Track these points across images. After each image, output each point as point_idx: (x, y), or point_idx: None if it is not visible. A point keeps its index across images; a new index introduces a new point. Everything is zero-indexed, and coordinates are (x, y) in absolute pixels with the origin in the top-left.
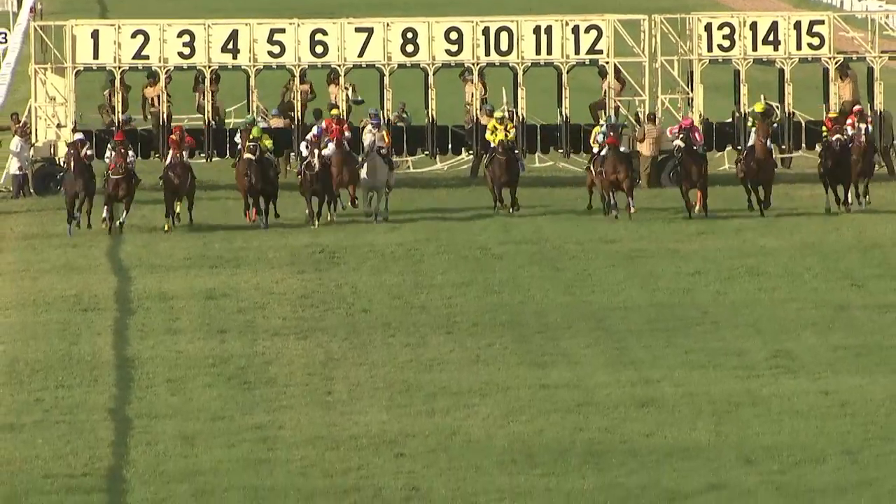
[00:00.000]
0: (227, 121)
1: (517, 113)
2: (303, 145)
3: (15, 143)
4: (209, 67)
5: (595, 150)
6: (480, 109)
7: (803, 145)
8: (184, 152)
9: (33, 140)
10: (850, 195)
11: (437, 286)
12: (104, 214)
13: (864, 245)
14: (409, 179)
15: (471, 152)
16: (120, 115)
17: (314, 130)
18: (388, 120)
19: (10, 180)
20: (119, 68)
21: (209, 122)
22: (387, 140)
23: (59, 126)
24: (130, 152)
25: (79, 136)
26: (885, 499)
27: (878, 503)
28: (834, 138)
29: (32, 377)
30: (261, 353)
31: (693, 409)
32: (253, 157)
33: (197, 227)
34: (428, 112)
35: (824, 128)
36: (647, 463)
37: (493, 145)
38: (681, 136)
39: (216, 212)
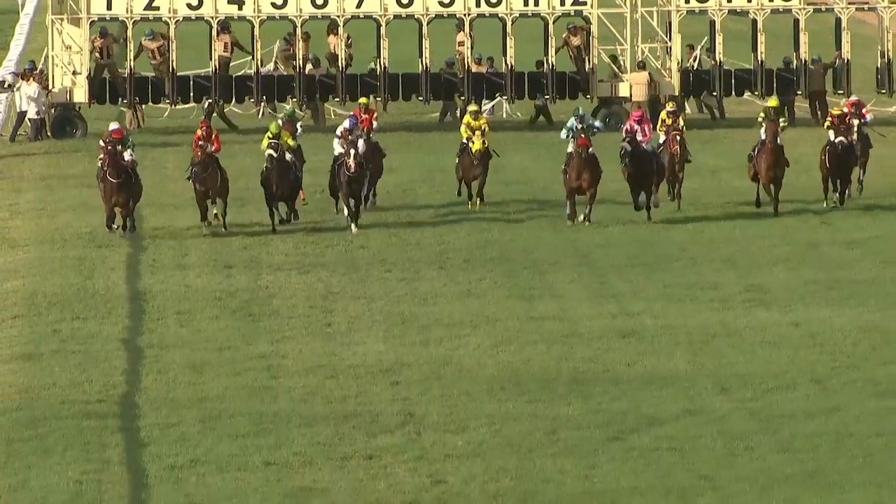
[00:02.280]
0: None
1: (506, 61)
2: (336, 142)
3: (33, 89)
4: (216, 18)
5: (661, 139)
6: (471, 58)
7: (774, 91)
8: (210, 149)
9: (50, 86)
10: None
11: (430, 224)
12: (112, 225)
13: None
14: (407, 124)
15: (462, 98)
16: (132, 62)
17: (346, 123)
18: (385, 68)
19: (28, 124)
20: (131, 19)
21: (216, 69)
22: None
23: (74, 73)
24: (128, 152)
25: (114, 126)
26: (851, 424)
27: (845, 428)
28: (837, 140)
29: (50, 309)
30: (265, 287)
31: (671, 339)
32: (274, 154)
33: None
34: (422, 61)
35: (828, 122)
36: (627, 390)
37: (464, 142)
38: (627, 139)
39: (221, 154)
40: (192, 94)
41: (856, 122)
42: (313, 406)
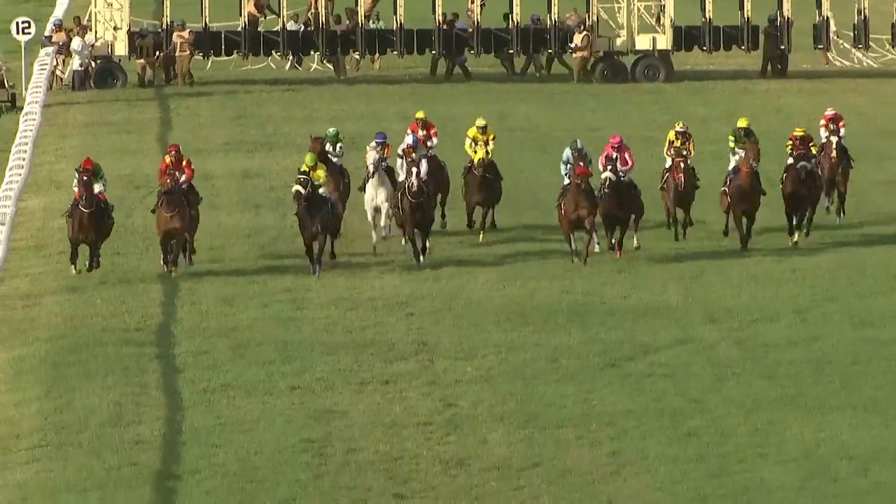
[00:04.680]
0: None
1: (512, 18)
2: (398, 163)
3: (76, 42)
4: None
5: (668, 163)
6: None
7: (760, 46)
8: (181, 179)
9: (93, 40)
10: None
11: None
12: (75, 267)
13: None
14: (420, 76)
15: (472, 52)
16: (168, 19)
17: (408, 140)
18: (401, 24)
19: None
20: None
21: (245, 24)
22: (387, 153)
23: (115, 28)
24: (98, 184)
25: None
26: (830, 352)
27: (824, 356)
28: (799, 165)
29: None
30: (290, 225)
31: (664, 274)
32: (303, 191)
33: (234, 116)
34: (435, 17)
35: (789, 144)
36: (623, 321)
37: (471, 160)
38: (609, 167)
39: (250, 103)
40: (223, 49)
41: (834, 138)
42: (335, 335)
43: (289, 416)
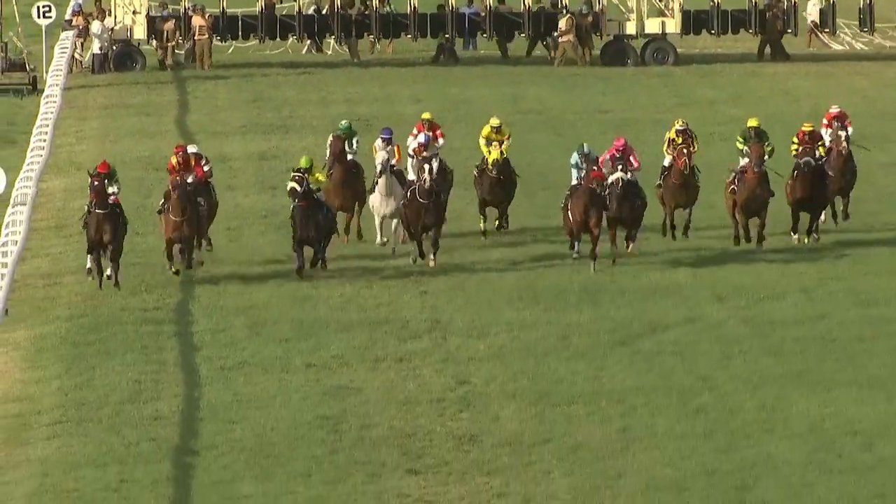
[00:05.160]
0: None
1: (525, 2)
2: (409, 163)
3: (96, 26)
4: None
5: (667, 160)
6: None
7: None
8: (188, 178)
9: (112, 24)
10: (820, 221)
11: (455, 150)
12: (88, 265)
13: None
14: (433, 60)
15: (485, 35)
16: (186, 4)
17: (420, 139)
18: (415, 8)
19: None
20: None
21: (262, 8)
22: (398, 156)
23: (134, 13)
24: (113, 187)
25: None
26: (835, 329)
27: (830, 333)
28: (803, 161)
29: None
30: None
31: (673, 254)
32: (298, 188)
33: (251, 99)
34: (449, 2)
35: (795, 141)
36: (633, 300)
37: (485, 157)
38: (619, 167)
39: (267, 86)
40: (240, 33)
41: (843, 134)
42: (349, 313)
43: (304, 393)
